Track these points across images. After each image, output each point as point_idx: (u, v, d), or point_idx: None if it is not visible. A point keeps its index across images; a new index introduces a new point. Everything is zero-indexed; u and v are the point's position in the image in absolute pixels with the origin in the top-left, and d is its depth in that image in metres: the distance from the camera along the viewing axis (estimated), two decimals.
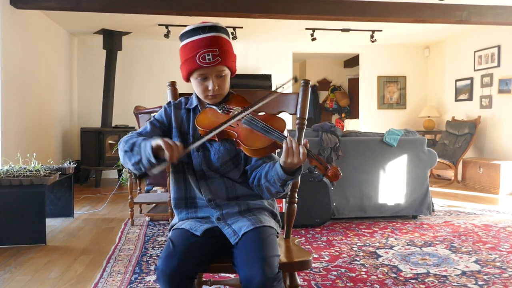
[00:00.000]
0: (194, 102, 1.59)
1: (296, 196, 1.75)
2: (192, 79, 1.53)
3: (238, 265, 1.36)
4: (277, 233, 1.53)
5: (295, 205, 1.75)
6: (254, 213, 1.51)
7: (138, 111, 5.16)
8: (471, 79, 6.64)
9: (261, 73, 7.45)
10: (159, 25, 6.04)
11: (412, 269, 2.69)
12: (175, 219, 1.58)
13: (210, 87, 1.50)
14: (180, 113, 1.58)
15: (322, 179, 1.32)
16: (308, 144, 1.35)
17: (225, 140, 1.50)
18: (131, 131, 6.01)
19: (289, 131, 3.55)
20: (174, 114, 1.57)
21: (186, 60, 1.49)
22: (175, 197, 1.57)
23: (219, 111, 1.51)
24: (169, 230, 1.56)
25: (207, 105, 1.56)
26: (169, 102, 1.61)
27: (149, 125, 1.56)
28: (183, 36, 1.52)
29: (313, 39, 6.56)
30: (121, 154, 1.46)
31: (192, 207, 1.54)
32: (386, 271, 2.67)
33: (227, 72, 1.53)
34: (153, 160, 1.33)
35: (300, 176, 1.74)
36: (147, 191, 4.74)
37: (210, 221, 1.50)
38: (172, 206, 1.58)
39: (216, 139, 1.46)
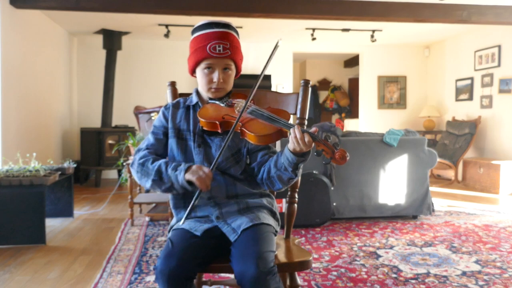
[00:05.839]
0: (195, 99, 1.59)
1: (296, 196, 1.75)
2: (198, 70, 1.54)
3: (233, 261, 1.36)
4: (275, 231, 1.54)
5: (295, 205, 1.75)
6: (253, 211, 1.52)
7: (138, 111, 5.16)
8: (472, 79, 6.63)
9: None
10: (159, 25, 6.04)
11: (412, 269, 2.69)
12: (174, 219, 1.58)
13: (215, 79, 1.51)
14: (178, 112, 1.59)
15: (330, 162, 1.34)
16: (317, 131, 1.38)
17: (226, 136, 1.50)
18: (131, 131, 6.02)
19: None
20: (171, 114, 1.58)
21: (196, 49, 1.52)
22: (174, 196, 1.57)
23: (222, 105, 1.52)
24: (169, 231, 1.56)
25: (209, 101, 1.56)
26: (167, 104, 1.62)
27: (151, 137, 1.58)
28: (195, 30, 1.55)
29: (313, 39, 6.56)
30: (144, 180, 1.49)
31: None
32: (386, 271, 2.67)
33: (233, 68, 1.56)
34: (190, 189, 1.43)
35: (300, 176, 1.75)
36: (147, 191, 4.74)
37: (210, 220, 1.50)
38: (171, 206, 1.58)
39: (220, 130, 1.46)
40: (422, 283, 2.46)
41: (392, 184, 4.00)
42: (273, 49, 1.48)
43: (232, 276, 2.14)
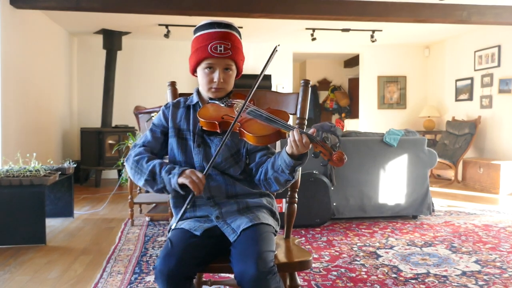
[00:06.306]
0: (195, 98, 1.60)
1: (296, 196, 1.75)
2: (199, 69, 1.55)
3: (233, 261, 1.36)
4: (275, 231, 1.54)
5: (295, 205, 1.75)
6: (252, 211, 1.52)
7: (138, 111, 5.16)
8: (471, 79, 6.63)
9: None
10: (159, 25, 6.04)
11: (412, 269, 2.69)
12: (174, 219, 1.58)
13: (215, 79, 1.51)
14: (178, 111, 1.59)
15: (327, 163, 1.34)
16: (315, 133, 1.37)
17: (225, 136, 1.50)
18: (131, 131, 6.01)
19: None
20: (172, 114, 1.58)
21: (197, 49, 1.52)
22: (174, 196, 1.56)
23: (222, 105, 1.52)
24: (169, 231, 1.56)
25: (209, 101, 1.56)
26: (167, 104, 1.62)
27: (149, 134, 1.58)
28: (197, 30, 1.55)
29: (313, 39, 6.56)
30: (137, 177, 1.50)
31: (191, 205, 1.54)
32: (386, 271, 2.67)
33: (234, 68, 1.56)
34: (182, 193, 1.43)
35: (300, 176, 1.75)
36: (147, 191, 4.74)
37: (209, 220, 1.50)
38: (171, 206, 1.58)
39: (219, 130, 1.46)
40: (422, 283, 2.46)
41: (392, 184, 4.00)
42: (271, 54, 1.47)
43: (232, 276, 2.14)
